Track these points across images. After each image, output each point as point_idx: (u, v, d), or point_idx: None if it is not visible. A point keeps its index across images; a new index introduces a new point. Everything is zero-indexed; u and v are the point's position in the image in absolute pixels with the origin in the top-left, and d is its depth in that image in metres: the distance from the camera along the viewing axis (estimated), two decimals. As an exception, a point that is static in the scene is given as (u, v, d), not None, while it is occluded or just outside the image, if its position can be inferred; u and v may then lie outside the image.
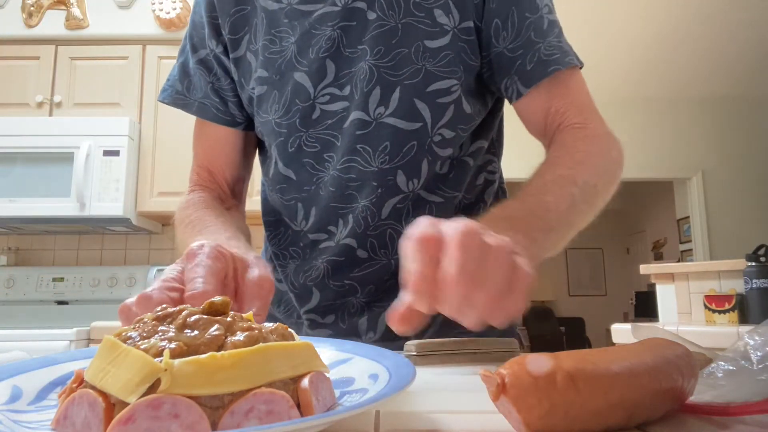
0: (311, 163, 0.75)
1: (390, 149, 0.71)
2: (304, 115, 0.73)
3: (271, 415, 0.25)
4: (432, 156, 0.73)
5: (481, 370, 0.27)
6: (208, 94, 0.81)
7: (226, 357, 0.25)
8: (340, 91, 0.72)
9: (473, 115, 0.74)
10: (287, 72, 0.74)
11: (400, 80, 0.70)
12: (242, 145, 0.85)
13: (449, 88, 0.71)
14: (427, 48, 0.70)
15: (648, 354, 0.29)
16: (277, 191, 0.79)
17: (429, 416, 0.32)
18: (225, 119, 0.82)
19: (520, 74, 0.70)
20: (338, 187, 0.73)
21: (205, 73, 0.81)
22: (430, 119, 0.71)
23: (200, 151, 0.85)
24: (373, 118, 0.71)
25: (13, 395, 0.31)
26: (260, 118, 0.77)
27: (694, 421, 0.30)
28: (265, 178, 0.83)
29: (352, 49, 0.71)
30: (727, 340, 1.79)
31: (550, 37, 0.70)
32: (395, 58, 0.70)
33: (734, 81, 4.75)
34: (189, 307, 0.30)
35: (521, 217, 0.55)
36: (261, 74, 0.76)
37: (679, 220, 5.43)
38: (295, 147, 0.75)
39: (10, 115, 2.49)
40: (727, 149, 4.99)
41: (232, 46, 0.78)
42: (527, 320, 7.69)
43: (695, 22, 3.80)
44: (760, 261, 2.02)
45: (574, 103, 0.71)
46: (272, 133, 0.76)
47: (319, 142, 0.74)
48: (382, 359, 0.35)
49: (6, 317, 2.50)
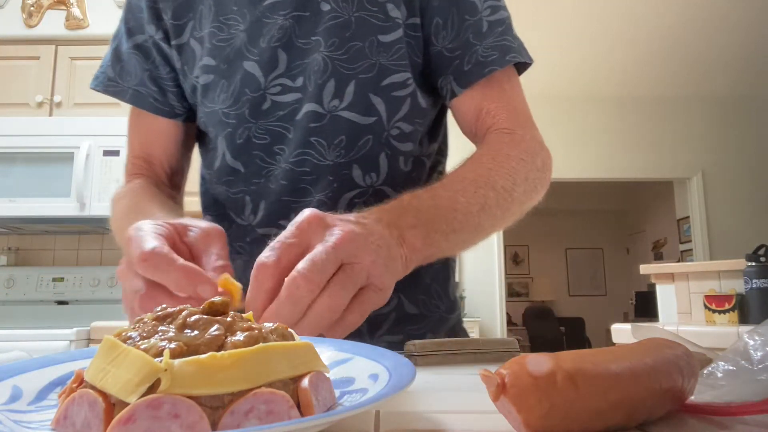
0: (261, 155, 0.72)
1: (345, 143, 0.70)
2: (253, 105, 0.71)
3: (271, 415, 0.25)
4: (391, 150, 0.72)
5: (481, 370, 0.27)
6: (144, 82, 0.77)
7: (226, 357, 0.25)
8: (293, 82, 0.70)
9: (428, 109, 0.74)
10: (236, 61, 0.71)
11: (354, 74, 0.69)
12: (182, 137, 0.81)
13: (404, 81, 0.71)
14: (381, 43, 0.70)
15: (648, 354, 0.29)
16: (223, 184, 0.76)
17: (429, 416, 0.32)
18: (163, 110, 0.78)
19: (456, 74, 0.71)
20: (291, 181, 0.71)
21: (141, 59, 0.77)
22: (386, 113, 0.71)
23: (136, 142, 0.81)
24: (327, 110, 0.70)
25: (13, 395, 0.31)
26: (205, 108, 0.74)
27: (694, 421, 0.30)
28: (208, 171, 0.79)
29: (305, 40, 0.70)
30: (727, 340, 1.79)
31: (490, 39, 0.71)
32: (349, 51, 0.69)
33: (734, 81, 4.75)
34: (189, 307, 0.30)
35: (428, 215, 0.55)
36: (207, 62, 0.73)
37: (679, 220, 5.44)
38: (243, 138, 0.72)
39: (10, 115, 2.49)
40: (727, 149, 4.99)
41: (175, 32, 0.75)
42: (527, 320, 7.69)
43: (695, 21, 3.80)
44: (760, 261, 2.02)
45: (506, 107, 0.72)
46: (219, 123, 0.74)
47: (270, 134, 0.72)
48: (382, 359, 0.35)
49: (6, 317, 2.50)
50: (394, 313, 0.73)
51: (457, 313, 0.81)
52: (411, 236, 0.52)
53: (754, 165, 4.97)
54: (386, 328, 0.73)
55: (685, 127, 5.03)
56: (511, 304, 7.08)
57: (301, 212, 0.46)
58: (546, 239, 8.33)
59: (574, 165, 4.96)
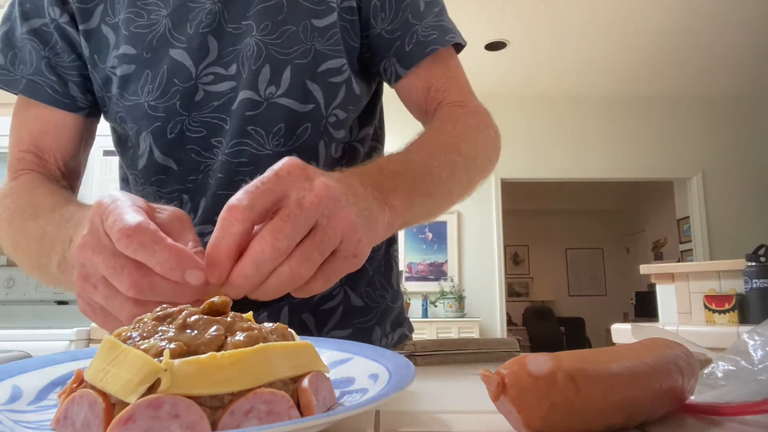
0: (196, 149, 0.67)
1: (284, 131, 0.67)
2: (185, 96, 0.66)
3: (271, 415, 0.25)
4: (328, 138, 0.70)
5: (481, 370, 0.27)
6: (41, 71, 0.69)
7: (226, 357, 0.25)
8: (226, 70, 0.66)
9: (361, 96, 0.73)
10: (161, 48, 0.66)
11: (290, 59, 0.66)
12: (81, 134, 0.73)
13: (340, 68, 0.69)
14: (315, 27, 0.67)
15: (648, 354, 0.29)
16: (154, 184, 0.70)
17: (429, 416, 0.32)
18: (63, 102, 0.70)
19: (399, 56, 0.70)
20: (227, 173, 0.66)
21: (38, 45, 0.70)
22: (323, 100, 0.68)
23: (25, 133, 0.71)
24: (263, 98, 0.66)
25: (13, 395, 0.31)
26: (125, 101, 0.68)
27: (694, 421, 0.30)
28: (131, 171, 0.72)
29: (236, 25, 0.66)
30: (727, 340, 1.79)
31: (428, 18, 0.70)
32: (283, 36, 0.66)
33: (734, 81, 4.75)
34: (189, 307, 0.30)
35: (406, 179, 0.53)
36: (126, 51, 0.66)
37: (679, 220, 5.44)
38: (176, 132, 0.67)
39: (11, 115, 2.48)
40: (727, 149, 5.00)
41: (82, 16, 0.68)
42: (527, 320, 7.70)
43: (695, 21, 3.80)
44: (760, 261, 2.02)
45: (454, 83, 0.71)
46: (145, 117, 0.67)
47: (205, 126, 0.67)
48: (382, 359, 0.35)
49: (6, 317, 2.50)
50: (341, 307, 0.72)
51: (400, 302, 0.81)
52: (394, 199, 0.49)
53: (754, 165, 4.97)
54: (334, 323, 0.71)
55: (685, 127, 5.03)
56: (511, 304, 7.08)
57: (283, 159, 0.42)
58: (546, 239, 8.33)
59: (574, 165, 4.96)
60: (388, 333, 0.76)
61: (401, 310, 0.81)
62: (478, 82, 0.68)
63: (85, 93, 0.72)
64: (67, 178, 0.73)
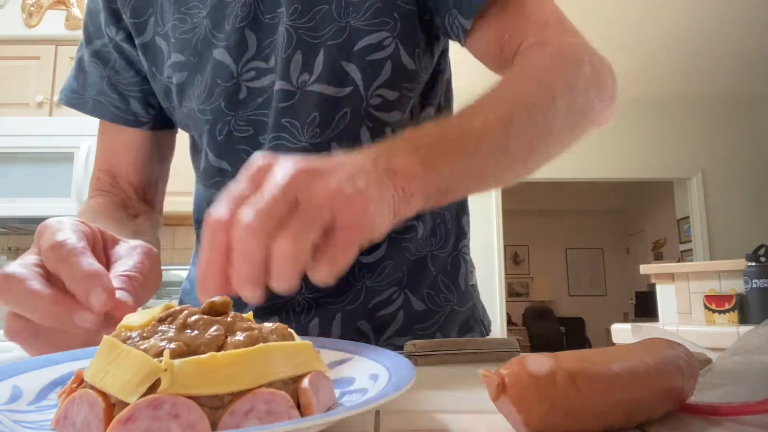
0: (246, 149, 0.65)
1: (319, 120, 0.63)
2: (228, 96, 0.64)
3: (271, 415, 0.25)
4: (372, 122, 0.64)
5: (481, 370, 0.27)
6: (104, 90, 0.71)
7: (226, 357, 0.25)
8: (266, 63, 0.63)
9: (418, 70, 0.65)
10: (205, 51, 0.64)
11: (322, 41, 0.62)
12: (150, 148, 0.75)
13: (381, 42, 0.62)
14: (349, 2, 0.61)
15: (648, 354, 0.29)
16: (212, 186, 0.69)
17: (429, 416, 0.32)
18: (126, 118, 0.72)
19: (459, 5, 0.60)
20: None
21: (100, 66, 0.71)
22: (362, 81, 0.62)
23: (101, 154, 0.75)
24: (296, 86, 0.62)
25: (13, 395, 0.31)
26: (183, 108, 0.68)
27: (694, 421, 0.30)
28: (198, 174, 0.73)
29: (271, 15, 0.63)
30: (727, 340, 1.79)
31: None
32: (315, 17, 0.62)
33: (734, 81, 4.75)
34: (189, 307, 0.30)
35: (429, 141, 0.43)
36: (176, 59, 0.66)
37: (679, 220, 5.44)
38: (224, 134, 0.66)
39: (10, 115, 2.49)
40: (727, 149, 4.99)
41: (137, 31, 0.69)
42: (527, 320, 7.69)
43: (695, 22, 3.80)
44: (760, 261, 2.02)
45: (533, 19, 0.59)
46: (198, 122, 0.67)
47: (252, 124, 0.65)
48: (382, 359, 0.35)
49: (6, 317, 2.50)
50: (401, 312, 0.68)
51: (470, 304, 0.74)
52: (403, 163, 0.40)
53: (754, 165, 4.97)
54: (394, 329, 0.67)
55: (685, 127, 5.03)
56: (511, 304, 7.08)
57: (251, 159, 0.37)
58: (546, 239, 8.33)
59: (574, 165, 4.96)
60: None
61: (472, 312, 0.74)
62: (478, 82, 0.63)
63: (147, 108, 0.73)
64: (142, 194, 0.75)
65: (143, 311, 0.31)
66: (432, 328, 0.70)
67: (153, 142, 0.75)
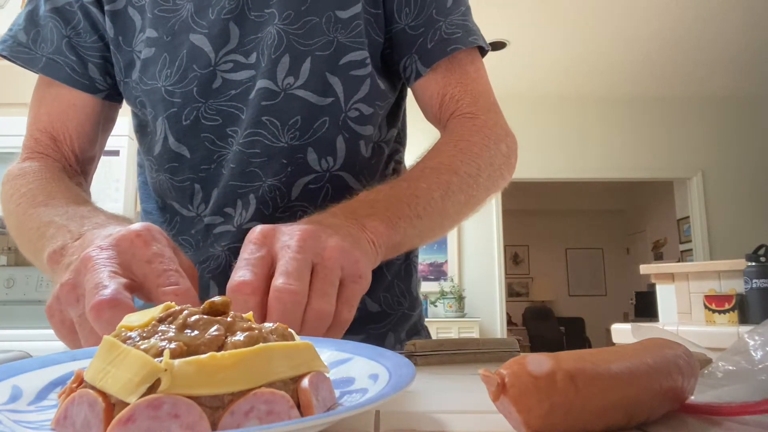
0: (211, 138, 0.66)
1: (300, 124, 0.65)
2: (202, 83, 0.65)
3: (271, 415, 0.25)
4: (349, 133, 0.67)
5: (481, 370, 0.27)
6: (61, 50, 0.68)
7: (226, 357, 0.25)
8: (246, 58, 0.65)
9: (387, 92, 0.70)
10: (181, 33, 0.65)
11: (310, 50, 0.65)
12: (99, 117, 0.72)
13: (363, 60, 0.66)
14: (338, 18, 0.65)
15: (648, 354, 0.29)
16: (167, 171, 0.68)
17: (429, 416, 0.32)
18: (82, 82, 0.69)
19: (421, 53, 0.67)
20: (239, 164, 0.65)
21: (60, 24, 0.68)
22: (343, 94, 0.66)
23: (43, 112, 0.70)
24: (281, 88, 0.64)
25: (13, 395, 0.31)
26: (143, 85, 0.67)
27: (694, 421, 0.30)
28: (147, 157, 0.71)
29: (259, 13, 0.65)
30: (727, 340, 1.79)
31: (453, 16, 0.68)
32: (305, 26, 0.64)
33: (734, 81, 4.75)
34: (189, 307, 0.30)
35: (386, 203, 0.53)
36: (150, 35, 0.66)
37: (679, 220, 5.44)
38: (191, 119, 0.66)
39: (10, 115, 2.49)
40: (727, 149, 5.00)
41: None
42: (527, 320, 7.69)
43: (695, 21, 3.80)
44: (760, 261, 2.02)
45: (470, 92, 0.68)
46: (161, 102, 0.66)
47: (221, 114, 0.65)
48: (382, 359, 0.35)
49: (6, 317, 2.50)
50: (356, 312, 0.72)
51: (419, 310, 0.78)
52: (371, 222, 0.50)
53: (754, 165, 4.97)
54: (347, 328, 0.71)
55: (685, 127, 5.03)
56: (511, 304, 7.08)
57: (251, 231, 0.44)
58: (546, 239, 8.33)
59: (574, 165, 4.96)
60: (403, 340, 0.74)
61: (419, 318, 0.79)
62: None
63: (105, 75, 0.70)
64: (80, 163, 0.72)
65: (143, 311, 0.31)
66: (384, 328, 0.73)
67: (102, 111, 0.72)
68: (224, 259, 0.67)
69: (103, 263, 0.39)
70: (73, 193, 0.61)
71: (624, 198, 7.88)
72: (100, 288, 0.37)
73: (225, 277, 0.66)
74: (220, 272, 0.67)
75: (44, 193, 0.59)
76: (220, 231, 0.67)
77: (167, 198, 0.71)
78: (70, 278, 0.40)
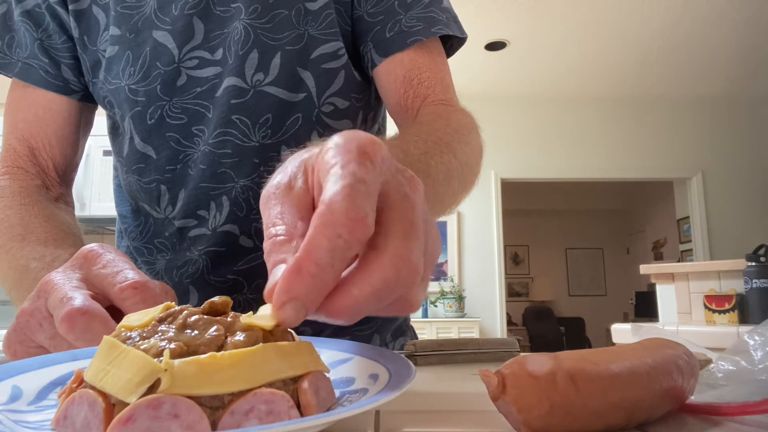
0: (176, 137, 0.64)
1: (272, 122, 0.63)
2: (166, 80, 0.63)
3: (271, 415, 0.25)
4: (323, 129, 0.65)
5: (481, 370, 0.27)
6: (34, 53, 0.67)
7: (226, 357, 0.25)
8: (211, 54, 0.63)
9: (364, 83, 0.67)
10: (145, 30, 0.63)
11: (280, 45, 0.62)
12: (77, 119, 0.70)
13: (336, 52, 0.64)
14: (308, 11, 0.63)
15: (648, 354, 0.29)
16: (134, 172, 0.67)
17: (429, 416, 0.32)
18: (56, 84, 0.67)
19: (376, 41, 0.65)
20: (209, 165, 0.63)
21: (31, 27, 0.67)
22: (315, 88, 0.64)
23: (20, 122, 0.68)
24: (250, 85, 0.62)
25: (13, 395, 0.31)
26: (108, 84, 0.65)
27: (694, 421, 0.30)
28: (118, 159, 0.70)
29: (224, 8, 0.63)
30: (727, 340, 1.79)
31: (415, 10, 0.65)
32: (274, 20, 0.62)
33: (734, 81, 4.75)
34: (189, 307, 0.30)
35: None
36: (114, 32, 0.64)
37: (679, 220, 5.44)
38: (155, 118, 0.64)
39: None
40: (727, 149, 5.00)
41: None
42: (527, 320, 7.69)
43: (695, 21, 3.80)
44: (760, 261, 2.02)
45: (440, 80, 0.65)
46: (126, 101, 0.64)
47: (186, 113, 0.63)
48: (382, 359, 0.35)
49: (6, 317, 2.50)
50: None
51: None
52: None
53: (754, 165, 4.97)
54: (330, 331, 0.66)
55: (685, 127, 5.03)
56: (511, 304, 7.08)
57: (344, 134, 0.27)
58: (546, 239, 8.33)
59: (574, 165, 4.96)
60: (389, 342, 0.73)
61: (405, 319, 0.78)
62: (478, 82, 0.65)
63: (78, 76, 0.69)
64: (60, 172, 0.70)
65: (143, 311, 0.31)
66: (369, 330, 0.72)
67: (79, 113, 0.71)
68: (202, 264, 0.65)
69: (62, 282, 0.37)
70: (51, 225, 0.59)
71: (624, 198, 7.88)
72: (66, 300, 0.35)
73: (203, 281, 0.65)
74: (198, 276, 0.66)
75: (22, 224, 0.58)
76: (195, 234, 0.66)
77: (138, 200, 0.70)
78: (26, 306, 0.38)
